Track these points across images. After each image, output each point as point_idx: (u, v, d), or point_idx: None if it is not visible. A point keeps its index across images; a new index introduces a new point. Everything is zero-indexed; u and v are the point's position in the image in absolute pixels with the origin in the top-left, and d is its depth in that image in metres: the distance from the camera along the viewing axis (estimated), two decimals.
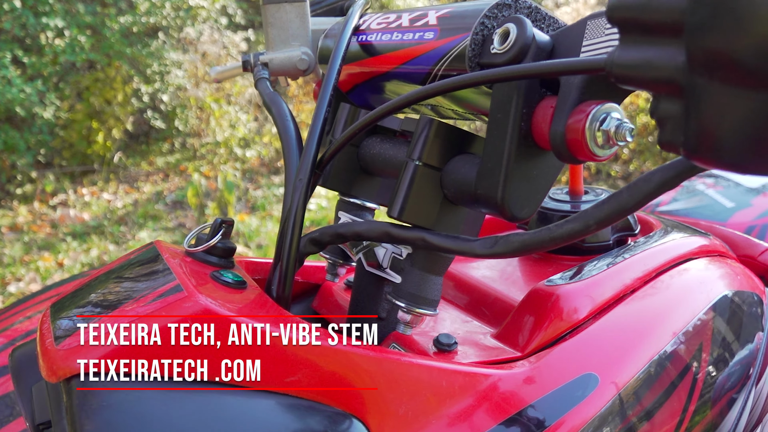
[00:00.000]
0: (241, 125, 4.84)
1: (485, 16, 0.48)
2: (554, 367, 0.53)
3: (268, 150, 4.89)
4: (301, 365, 0.46)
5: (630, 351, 0.55)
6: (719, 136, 0.33)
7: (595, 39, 0.44)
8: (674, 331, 0.57)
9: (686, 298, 0.61)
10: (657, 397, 0.55)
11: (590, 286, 0.59)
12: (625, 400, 0.53)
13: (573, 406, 0.51)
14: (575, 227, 0.44)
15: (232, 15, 5.34)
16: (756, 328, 0.65)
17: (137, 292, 0.49)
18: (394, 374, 0.48)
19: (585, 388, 0.52)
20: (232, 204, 3.92)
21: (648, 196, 0.41)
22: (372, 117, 0.51)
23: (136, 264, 0.55)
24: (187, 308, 0.46)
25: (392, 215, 0.53)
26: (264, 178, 4.68)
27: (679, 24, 0.33)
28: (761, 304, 0.67)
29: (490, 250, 0.48)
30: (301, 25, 0.76)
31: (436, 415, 0.49)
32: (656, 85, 0.35)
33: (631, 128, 0.43)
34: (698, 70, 0.32)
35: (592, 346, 0.55)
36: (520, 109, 0.46)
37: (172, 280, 0.49)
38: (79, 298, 0.52)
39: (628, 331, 0.57)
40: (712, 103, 0.32)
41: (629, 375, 0.54)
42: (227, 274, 0.53)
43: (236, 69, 1.01)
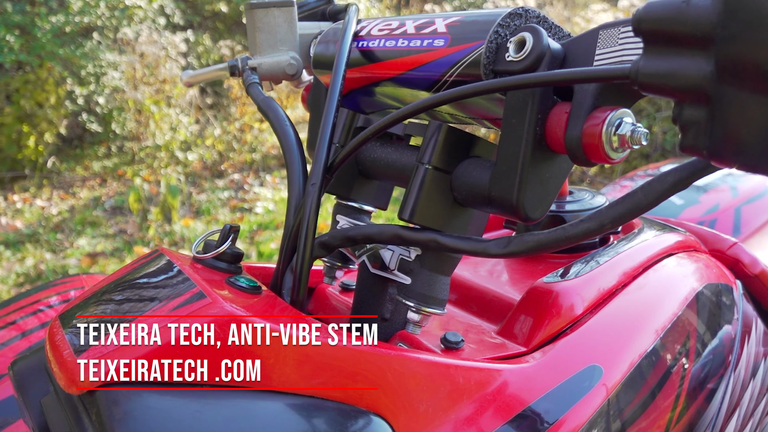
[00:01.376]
0: (183, 128, 4.74)
1: (499, 25, 0.50)
2: (560, 360, 0.55)
3: (211, 153, 4.80)
4: (328, 367, 0.47)
5: (628, 343, 0.58)
6: (743, 140, 0.35)
7: (608, 48, 0.46)
8: (664, 323, 0.61)
9: (671, 292, 0.65)
10: (653, 385, 0.58)
11: (586, 282, 0.62)
12: (626, 390, 0.56)
13: (582, 396, 0.53)
14: (590, 226, 0.47)
15: (171, 15, 5.22)
16: (732, 317, 0.69)
17: (157, 299, 0.49)
18: (414, 372, 0.50)
19: (591, 379, 0.54)
20: (177, 209, 3.83)
21: (662, 195, 0.44)
22: (386, 122, 0.52)
23: (146, 272, 0.54)
24: (214, 313, 0.46)
25: (404, 217, 0.54)
26: (207, 182, 4.59)
27: (708, 37, 0.35)
28: (733, 295, 0.72)
29: (505, 249, 0.50)
30: (289, 30, 0.77)
31: (455, 411, 0.50)
32: (682, 93, 0.38)
33: (645, 132, 0.45)
34: (728, 80, 0.35)
35: (593, 340, 0.58)
36: (535, 115, 0.48)
37: (192, 287, 0.49)
38: (93, 307, 0.51)
39: (623, 324, 0.60)
40: (740, 109, 0.35)
41: (628, 366, 0.57)
42: (242, 279, 0.53)
43: (210, 73, 1.00)
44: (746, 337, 0.71)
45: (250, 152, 4.87)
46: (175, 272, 0.52)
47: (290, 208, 0.59)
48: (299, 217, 0.56)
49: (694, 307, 0.65)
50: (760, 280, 0.76)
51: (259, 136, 4.94)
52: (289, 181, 0.60)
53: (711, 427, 0.63)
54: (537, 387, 0.53)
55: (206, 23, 5.90)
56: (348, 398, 0.48)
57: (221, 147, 4.83)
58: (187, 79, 1.04)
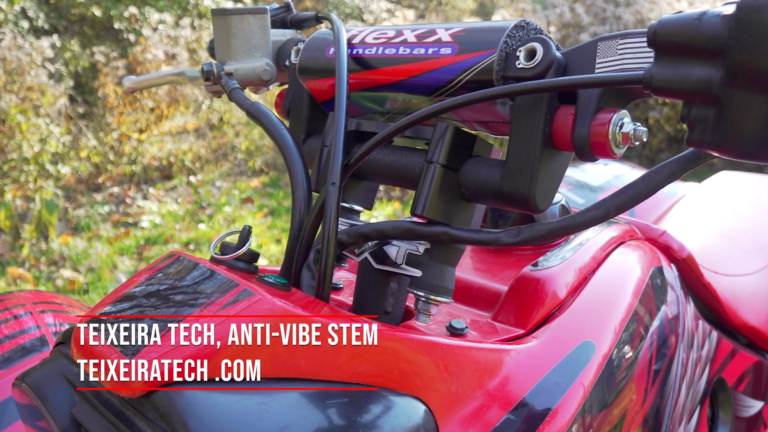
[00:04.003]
0: (54, 139, 4.43)
1: (507, 36, 0.55)
2: (558, 338, 0.61)
3: (86, 166, 4.53)
4: (376, 356, 0.49)
5: (609, 319, 0.65)
6: (746, 133, 0.43)
7: (608, 57, 0.53)
8: (632, 301, 0.69)
9: (632, 273, 0.73)
10: (633, 354, 0.66)
11: (565, 269, 0.68)
12: (615, 360, 0.63)
13: (582, 368, 0.60)
14: (597, 214, 0.53)
15: (34, 19, 4.87)
16: (676, 295, 0.79)
17: (199, 299, 0.49)
18: (446, 356, 0.53)
19: (587, 353, 0.61)
20: (54, 225, 3.58)
21: (660, 184, 0.51)
22: (403, 124, 0.56)
23: (171, 273, 0.54)
24: (266, 310, 0.47)
25: (417, 212, 0.58)
26: (84, 196, 4.32)
27: (718, 48, 0.42)
28: (673, 276, 0.82)
29: (516, 238, 0.56)
30: (263, 37, 0.78)
31: (480, 389, 0.55)
32: (692, 96, 0.45)
33: (645, 130, 0.52)
34: (738, 84, 0.42)
35: (581, 318, 0.64)
36: (544, 116, 0.54)
37: (233, 285, 0.49)
38: (126, 310, 0.50)
39: (602, 303, 0.67)
40: (746, 108, 0.42)
41: (613, 339, 0.64)
42: (271, 277, 0.54)
43: (159, 78, 0.98)
44: (686, 311, 0.81)
45: (130, 164, 4.65)
46: (207, 272, 0.52)
47: (296, 208, 0.61)
48: (310, 219, 0.58)
49: (650, 287, 0.73)
50: (687, 263, 0.87)
51: (138, 147, 4.72)
52: (292, 183, 0.61)
53: (672, 390, 0.72)
54: (544, 363, 0.59)
55: (73, 28, 5.56)
56: (387, 383, 0.50)
57: (97, 159, 4.57)
58: (130, 84, 1.01)
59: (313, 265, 0.59)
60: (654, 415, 0.69)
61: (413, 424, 0.49)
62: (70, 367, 0.53)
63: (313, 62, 0.70)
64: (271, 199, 4.41)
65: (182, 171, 4.87)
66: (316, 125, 0.74)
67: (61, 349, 0.56)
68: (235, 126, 5.63)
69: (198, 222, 4.01)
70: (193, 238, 3.76)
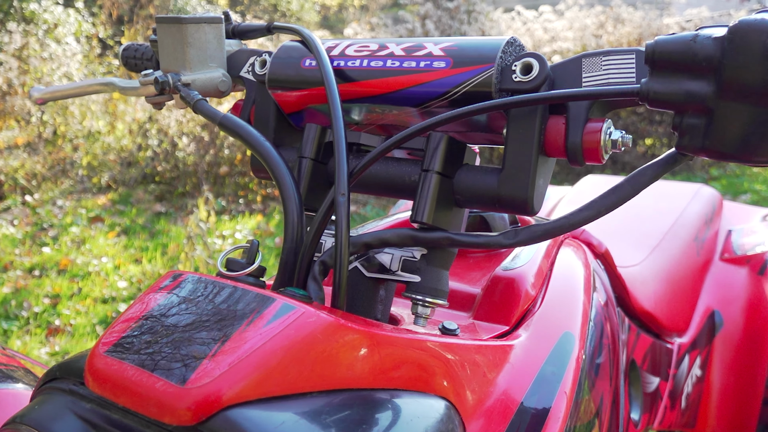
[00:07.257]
0: None
1: (502, 51, 0.59)
2: (542, 332, 0.66)
3: None
4: (402, 362, 0.50)
5: (576, 312, 0.71)
6: (733, 138, 0.50)
7: (593, 72, 0.58)
8: (588, 294, 0.76)
9: (579, 268, 0.80)
10: (599, 340, 0.72)
11: (530, 267, 0.74)
12: (589, 350, 0.69)
13: (569, 358, 0.65)
14: (589, 214, 0.58)
15: None
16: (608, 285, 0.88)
17: (232, 315, 0.47)
18: (462, 355, 0.56)
19: (571, 343, 0.66)
20: None
21: (644, 185, 0.58)
22: (408, 134, 0.57)
23: (184, 293, 0.50)
24: (313, 324, 0.46)
25: (418, 219, 0.60)
26: None
27: (711, 66, 0.49)
28: (602, 269, 0.91)
29: (515, 240, 0.59)
30: (218, 47, 0.75)
31: (494, 384, 0.58)
32: (685, 107, 0.51)
33: (630, 137, 0.58)
34: (731, 96, 0.49)
35: (556, 312, 0.70)
36: (540, 126, 0.58)
37: (270, 300, 0.48)
38: (151, 334, 0.47)
39: (567, 297, 0.73)
40: (735, 117, 0.49)
41: (583, 330, 0.70)
42: (293, 289, 0.54)
43: (73, 89, 0.90)
44: (613, 300, 0.90)
45: None
46: (234, 289, 0.50)
47: (288, 221, 0.60)
48: (312, 232, 0.58)
49: (592, 279, 0.81)
50: (605, 258, 0.97)
51: None
52: (283, 197, 0.61)
53: (621, 371, 0.80)
54: (538, 355, 0.63)
55: None
56: (415, 386, 0.52)
57: None
58: (39, 95, 0.92)
59: (318, 276, 0.59)
60: (614, 394, 0.76)
61: (445, 424, 0.51)
62: (78, 402, 0.49)
63: (284, 74, 0.69)
64: (123, 217, 4.13)
65: (15, 190, 4.41)
66: (283, 137, 0.73)
67: (55, 385, 0.51)
68: (72, 140, 5.22)
69: (41, 245, 3.66)
70: (37, 263, 3.42)
